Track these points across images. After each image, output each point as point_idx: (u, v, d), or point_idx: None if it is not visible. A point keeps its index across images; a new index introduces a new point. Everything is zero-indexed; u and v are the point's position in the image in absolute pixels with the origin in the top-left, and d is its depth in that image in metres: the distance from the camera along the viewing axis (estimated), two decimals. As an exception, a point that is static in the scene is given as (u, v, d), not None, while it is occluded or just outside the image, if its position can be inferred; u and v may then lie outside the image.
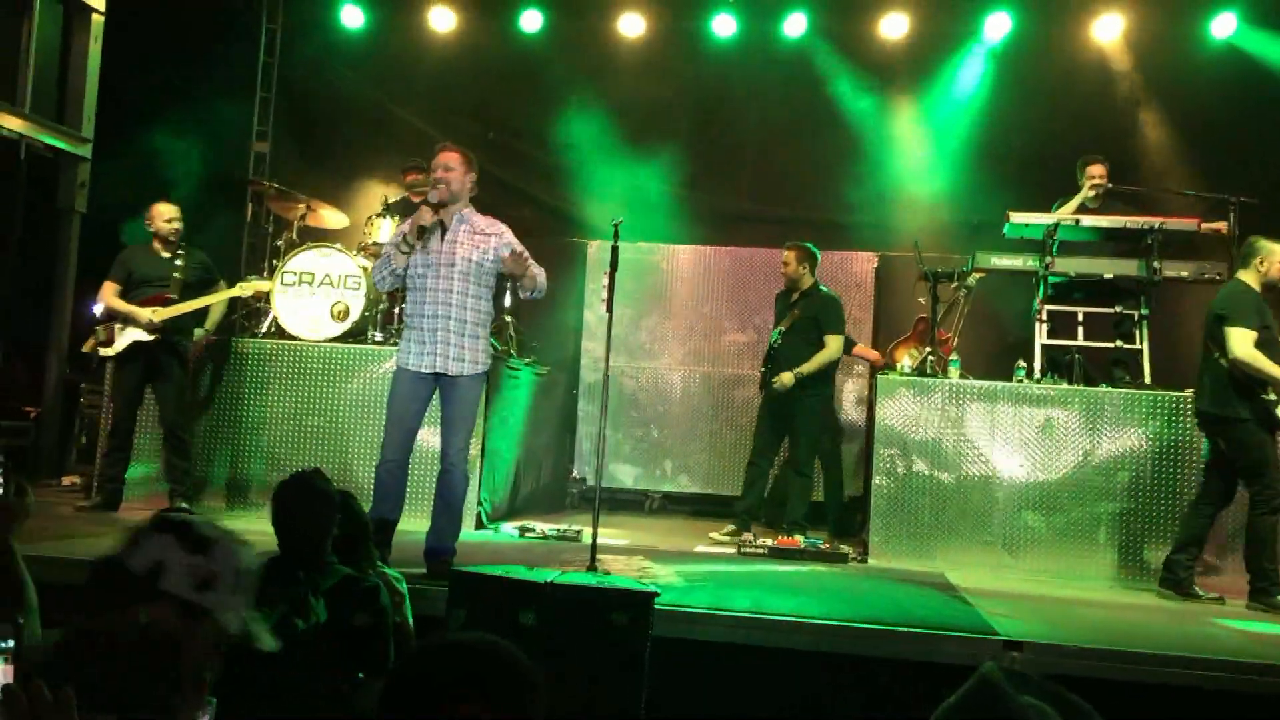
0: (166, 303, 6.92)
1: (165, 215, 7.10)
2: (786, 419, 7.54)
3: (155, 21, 9.50)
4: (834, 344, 7.46)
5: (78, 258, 8.93)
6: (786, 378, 7.30)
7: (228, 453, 7.37)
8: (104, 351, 6.97)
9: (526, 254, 5.53)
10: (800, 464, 7.52)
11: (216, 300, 7.23)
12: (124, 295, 6.94)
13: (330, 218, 8.57)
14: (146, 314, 6.87)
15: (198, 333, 7.15)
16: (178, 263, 7.07)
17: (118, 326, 6.91)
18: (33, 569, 2.90)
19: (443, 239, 5.48)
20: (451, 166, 5.50)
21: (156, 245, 7.11)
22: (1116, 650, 4.65)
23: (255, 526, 4.25)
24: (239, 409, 7.42)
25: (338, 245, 7.84)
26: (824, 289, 7.68)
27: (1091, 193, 7.54)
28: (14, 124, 8.03)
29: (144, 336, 6.88)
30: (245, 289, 7.41)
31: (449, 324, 5.43)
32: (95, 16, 8.73)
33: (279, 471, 6.45)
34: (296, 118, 10.89)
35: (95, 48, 8.75)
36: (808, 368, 7.34)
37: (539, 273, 5.58)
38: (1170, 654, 4.63)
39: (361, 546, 3.96)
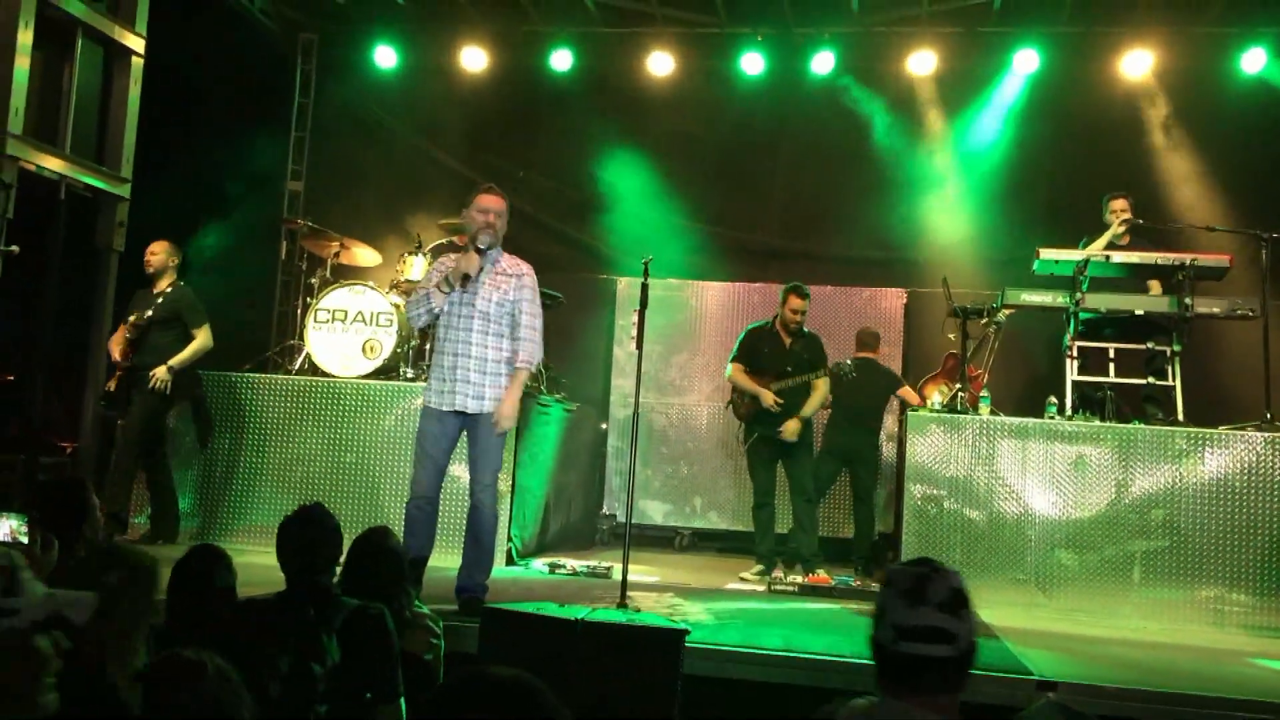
0: (126, 340, 7.16)
1: (160, 249, 7.40)
2: (782, 454, 7.55)
3: (192, 63, 9.67)
4: (824, 386, 7.49)
5: (115, 295, 9.06)
6: (794, 426, 7.32)
7: (261, 489, 7.42)
8: (107, 388, 7.20)
9: (535, 326, 5.58)
10: (809, 492, 7.52)
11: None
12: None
13: (363, 255, 8.66)
14: (115, 354, 7.14)
15: (158, 370, 7.15)
16: (158, 300, 7.27)
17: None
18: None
19: (467, 284, 5.53)
20: (500, 212, 5.56)
21: (155, 283, 7.38)
22: (1152, 690, 4.60)
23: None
24: (272, 445, 7.49)
25: (370, 283, 7.93)
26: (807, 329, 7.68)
27: (1121, 229, 7.54)
28: (54, 164, 8.15)
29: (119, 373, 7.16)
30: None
31: (469, 363, 5.46)
32: (135, 59, 8.87)
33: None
34: (330, 157, 11.05)
35: (135, 90, 8.87)
36: (807, 412, 7.41)
37: (535, 347, 5.59)
38: (1207, 694, 4.57)
39: (399, 583, 3.99)
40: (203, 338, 7.34)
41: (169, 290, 7.34)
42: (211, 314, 7.42)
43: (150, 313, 7.23)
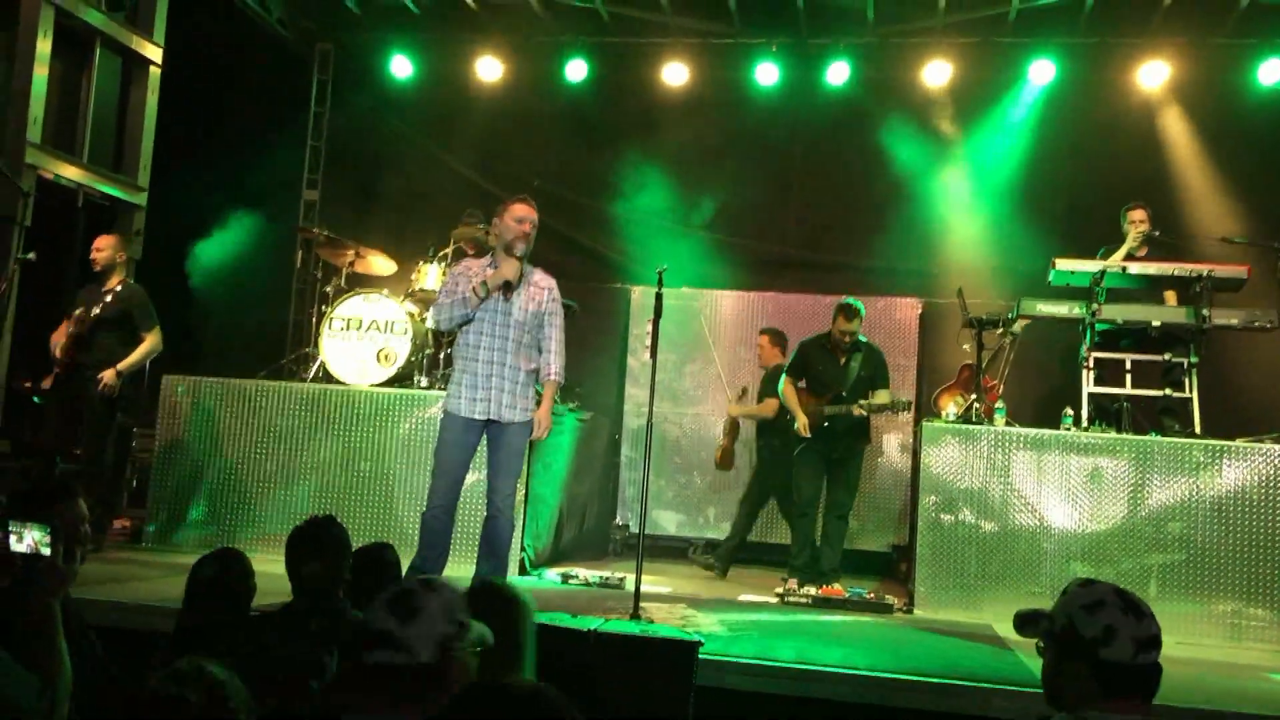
0: (70, 335, 6.92)
1: (105, 244, 7.14)
2: (830, 467, 7.46)
3: (208, 71, 9.73)
4: (884, 397, 7.40)
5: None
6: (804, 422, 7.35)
7: (276, 496, 7.43)
8: (44, 384, 7.02)
9: (562, 340, 5.71)
10: (845, 508, 7.45)
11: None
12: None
13: (378, 264, 8.68)
14: (56, 349, 6.94)
15: (106, 373, 6.97)
16: (107, 299, 7.01)
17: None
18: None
19: (507, 292, 5.55)
20: (535, 222, 5.60)
21: (102, 279, 7.13)
22: (1169, 706, 4.57)
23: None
24: (286, 453, 7.49)
25: (385, 291, 7.94)
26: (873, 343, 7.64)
27: (1136, 241, 7.51)
28: (72, 173, 8.22)
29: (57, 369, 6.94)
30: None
31: (504, 371, 5.48)
32: (153, 69, 8.94)
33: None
34: (346, 166, 11.11)
35: (152, 99, 8.95)
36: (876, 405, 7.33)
37: (563, 361, 5.71)
38: (1225, 710, 4.54)
39: None
40: (152, 340, 7.13)
41: (119, 289, 7.08)
42: (226, 321, 7.43)
43: (98, 310, 6.95)
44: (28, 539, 2.86)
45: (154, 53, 8.96)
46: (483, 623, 2.48)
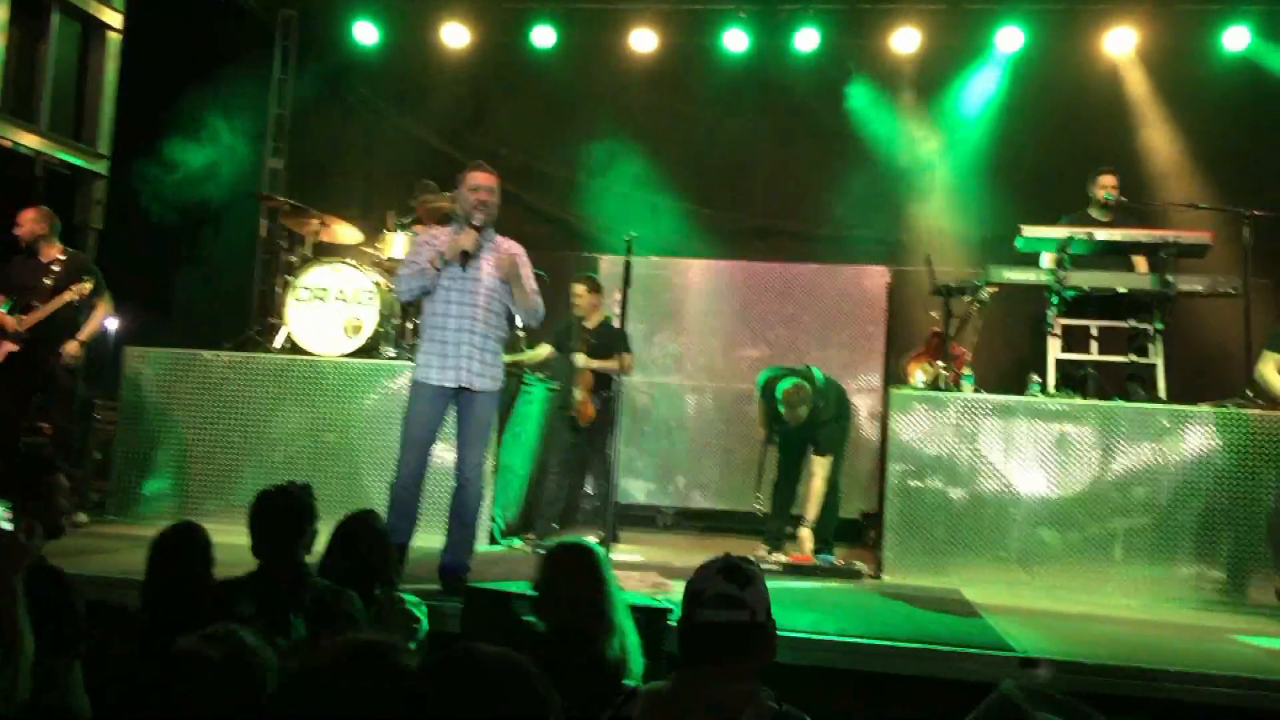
0: (30, 310, 6.87)
1: (24, 219, 7.03)
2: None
3: (170, 38, 9.56)
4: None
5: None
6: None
7: (242, 469, 7.36)
8: None
9: (533, 279, 5.57)
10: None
11: (55, 305, 6.93)
12: (6, 305, 6.89)
13: (343, 233, 8.59)
14: (11, 323, 6.83)
15: (69, 345, 7.00)
16: (54, 269, 6.97)
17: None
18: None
19: (466, 261, 5.50)
20: (493, 189, 5.53)
21: (41, 252, 7.04)
22: (1134, 667, 4.62)
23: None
24: (253, 424, 7.42)
25: (350, 260, 7.87)
26: None
27: (1098, 209, 7.53)
28: (31, 141, 8.09)
29: (13, 347, 6.86)
30: (71, 294, 6.97)
31: (473, 339, 5.43)
32: (112, 35, 8.81)
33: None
34: (310, 134, 10.97)
35: (112, 66, 8.82)
36: None
37: (539, 301, 5.62)
38: (1189, 670, 4.59)
39: (384, 569, 3.98)
40: (106, 305, 7.16)
41: (63, 258, 7.04)
42: (190, 291, 7.35)
43: (49, 281, 6.92)
44: None
45: (113, 19, 8.82)
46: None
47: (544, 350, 7.99)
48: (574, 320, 7.78)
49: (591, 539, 7.23)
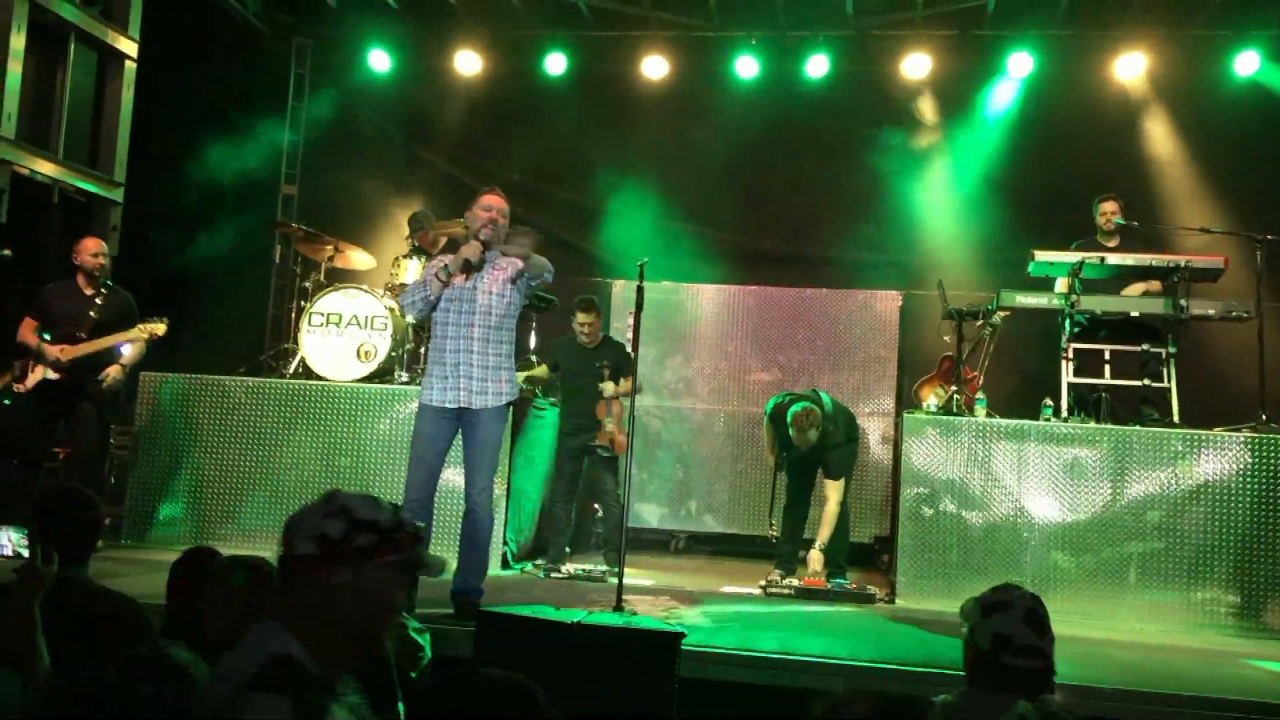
0: (75, 341, 6.90)
1: (90, 250, 7.06)
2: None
3: (185, 66, 9.66)
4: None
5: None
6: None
7: (256, 492, 7.38)
8: (18, 388, 6.95)
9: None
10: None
11: (110, 342, 6.99)
12: (42, 332, 6.92)
13: (357, 259, 8.64)
14: (54, 352, 6.86)
15: (112, 369, 7.02)
16: (97, 301, 7.02)
17: (32, 363, 6.93)
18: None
19: (468, 276, 5.53)
20: (503, 211, 5.60)
21: (80, 282, 7.06)
22: (1148, 692, 4.60)
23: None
24: (267, 449, 7.45)
25: (364, 286, 7.91)
26: None
27: (1104, 236, 7.56)
28: (47, 169, 8.17)
29: (52, 375, 6.88)
30: (141, 332, 7.05)
31: (471, 358, 5.45)
32: (128, 63, 8.89)
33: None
34: (324, 160, 11.04)
35: (128, 94, 8.89)
36: None
37: (545, 261, 5.56)
38: (1203, 696, 4.57)
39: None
40: (122, 337, 7.16)
41: (106, 292, 7.10)
42: (205, 317, 7.40)
43: (94, 314, 6.98)
44: (4, 539, 2.84)
45: (129, 47, 8.90)
46: None
47: (541, 370, 7.98)
48: (579, 349, 7.69)
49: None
